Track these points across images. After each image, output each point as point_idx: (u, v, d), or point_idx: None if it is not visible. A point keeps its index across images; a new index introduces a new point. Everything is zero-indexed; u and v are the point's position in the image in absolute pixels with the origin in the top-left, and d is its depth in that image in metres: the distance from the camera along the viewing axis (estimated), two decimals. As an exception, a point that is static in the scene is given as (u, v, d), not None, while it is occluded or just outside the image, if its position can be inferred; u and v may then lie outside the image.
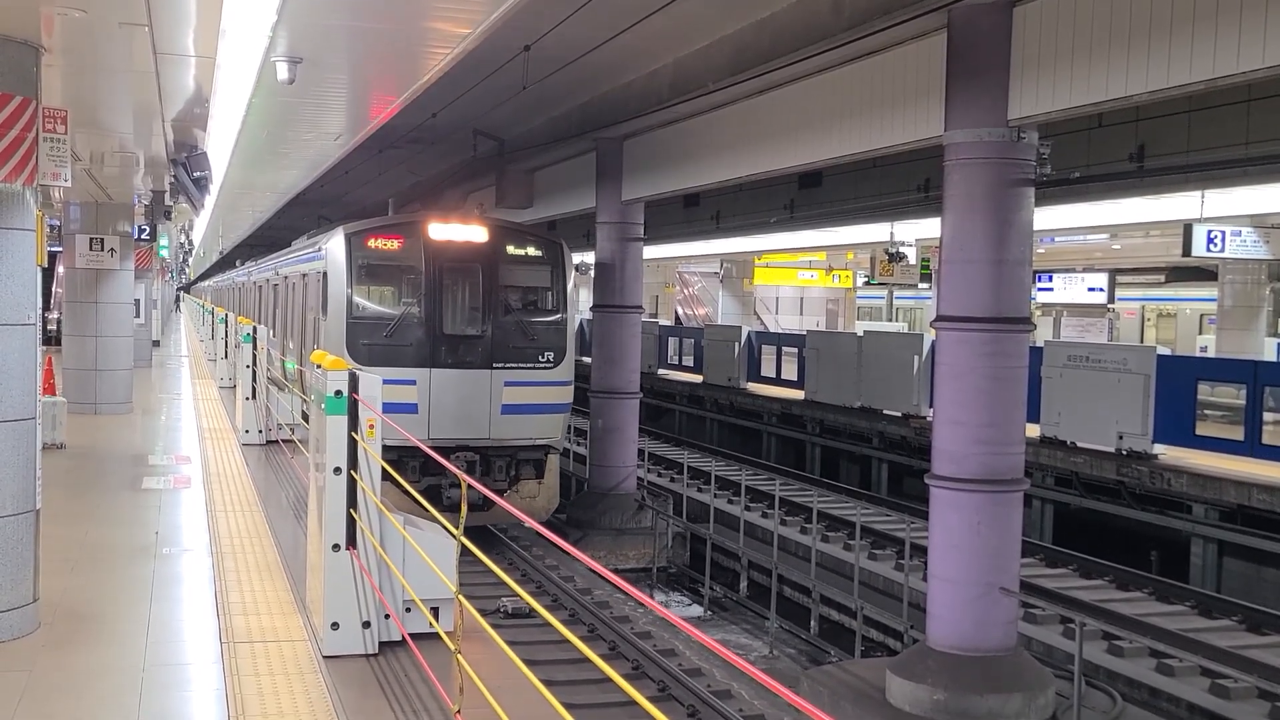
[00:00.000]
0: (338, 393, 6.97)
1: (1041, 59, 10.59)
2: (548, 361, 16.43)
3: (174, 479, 12.76)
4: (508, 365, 16.09)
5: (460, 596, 5.46)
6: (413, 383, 15.47)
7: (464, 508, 5.67)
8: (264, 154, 17.14)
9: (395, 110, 12.17)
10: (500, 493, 15.82)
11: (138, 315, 23.94)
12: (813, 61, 13.63)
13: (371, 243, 15.88)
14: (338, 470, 6.96)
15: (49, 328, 25.88)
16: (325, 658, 6.84)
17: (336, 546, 6.94)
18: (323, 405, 7.03)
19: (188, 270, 77.14)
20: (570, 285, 16.93)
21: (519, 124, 20.22)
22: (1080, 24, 10.20)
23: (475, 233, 16.36)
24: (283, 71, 9.69)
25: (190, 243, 46.66)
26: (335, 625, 6.89)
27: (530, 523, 5.44)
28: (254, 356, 16.18)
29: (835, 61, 13.51)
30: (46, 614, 7.45)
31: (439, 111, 18.00)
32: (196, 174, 14.71)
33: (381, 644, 6.99)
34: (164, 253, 33.39)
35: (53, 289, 28.34)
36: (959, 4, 10.97)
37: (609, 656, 12.55)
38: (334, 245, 15.87)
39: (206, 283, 74.10)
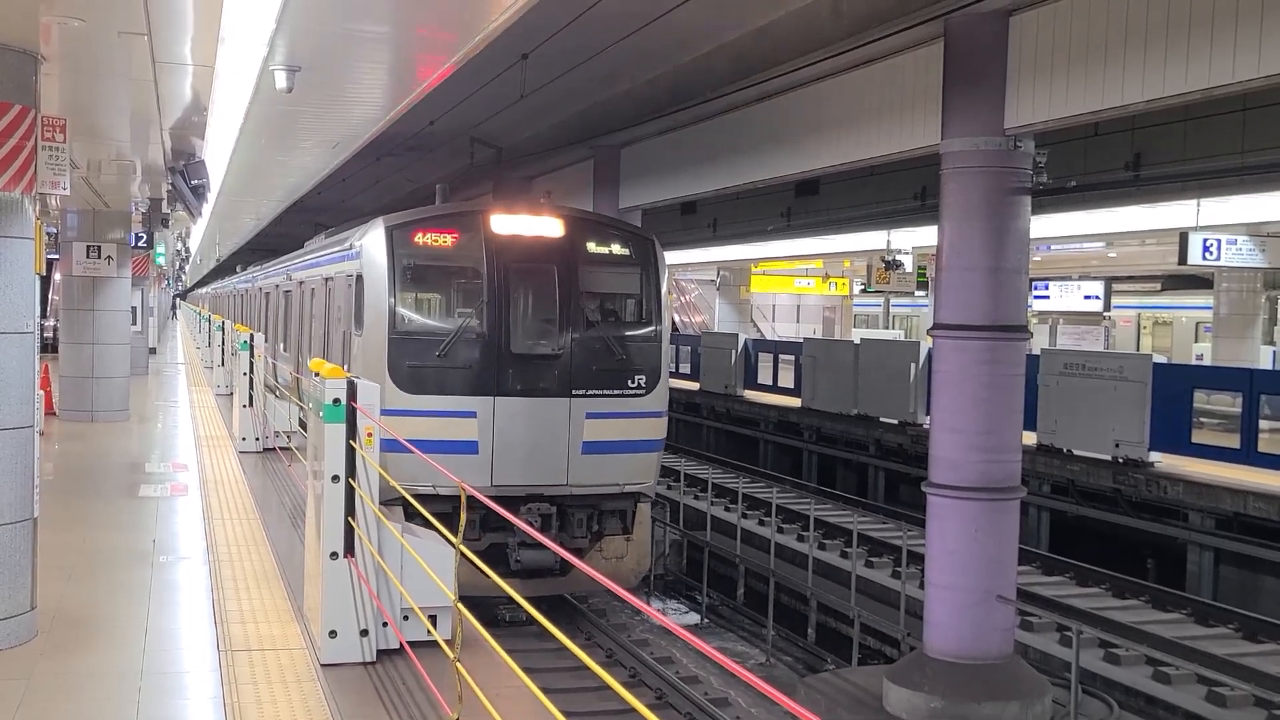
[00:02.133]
0: (336, 400, 6.98)
1: (1038, 68, 10.63)
2: (638, 387, 13.19)
3: (171, 486, 12.76)
4: (590, 392, 12.88)
5: (459, 604, 5.47)
6: (472, 415, 12.33)
7: (463, 515, 5.67)
8: (262, 162, 17.14)
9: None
10: (579, 553, 12.72)
11: (134, 323, 23.93)
12: (810, 70, 13.67)
13: (419, 238, 12.71)
14: (336, 478, 6.97)
15: (46, 336, 25.88)
16: (323, 666, 6.84)
17: (334, 554, 6.94)
18: (321, 413, 7.03)
19: (184, 277, 77.14)
20: (664, 290, 13.80)
21: (517, 131, 20.23)
22: (1076, 33, 10.23)
23: (548, 226, 13.15)
24: (281, 80, 9.70)
25: (187, 250, 46.69)
26: (333, 633, 6.90)
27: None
28: (251, 364, 16.17)
29: (833, 70, 13.54)
30: (44, 622, 7.45)
31: (437, 119, 18.01)
32: (194, 182, 14.73)
33: (380, 652, 6.99)
34: (161, 260, 33.38)
35: (49, 296, 28.34)
36: (956, 13, 11.01)
37: (607, 664, 12.56)
38: (372, 242, 12.77)
39: (204, 289, 73.53)
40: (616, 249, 13.56)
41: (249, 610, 8.00)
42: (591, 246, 13.37)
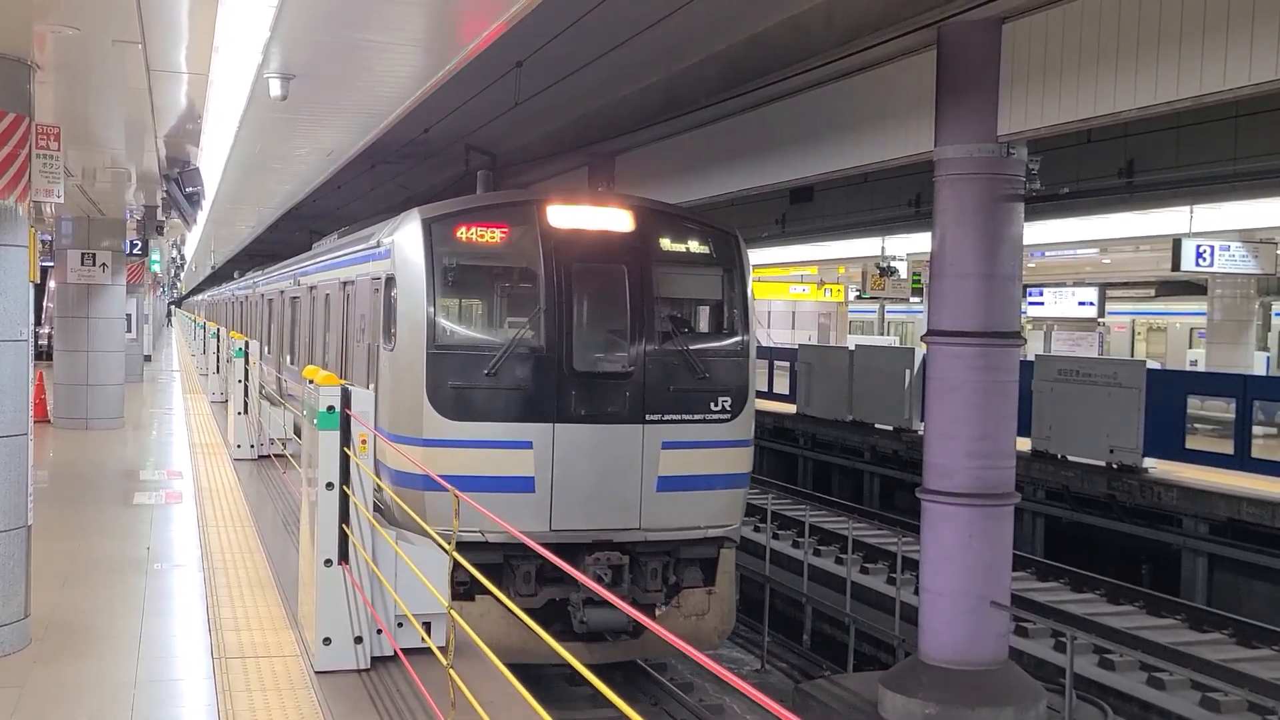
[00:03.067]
0: (330, 408, 6.99)
1: (1030, 75, 10.66)
2: (722, 411, 11.18)
3: (165, 494, 12.75)
4: (666, 418, 10.89)
5: (452, 611, 5.47)
6: (527, 445, 10.44)
7: (455, 521, 5.67)
8: (256, 169, 17.15)
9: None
10: (651, 610, 10.86)
11: (129, 330, 23.93)
12: (804, 78, 13.69)
13: (463, 233, 10.79)
14: (330, 485, 6.98)
15: (40, 343, 25.86)
16: (317, 673, 6.84)
17: (329, 561, 6.95)
18: (315, 420, 7.04)
19: (179, 285, 77.08)
20: (750, 295, 11.79)
21: (511, 139, 20.25)
22: (1069, 41, 10.26)
23: (615, 219, 11.23)
24: (275, 88, 9.72)
25: (182, 257, 46.66)
26: (327, 640, 6.90)
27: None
28: (246, 371, 16.17)
29: (826, 78, 13.57)
30: (38, 629, 7.45)
31: (431, 127, 18.03)
32: (189, 189, 14.74)
33: (374, 659, 7.00)
34: (156, 267, 33.36)
35: (44, 304, 28.31)
36: (949, 21, 11.04)
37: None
38: (406, 238, 10.85)
39: (199, 297, 73.26)
40: (694, 246, 11.55)
41: (243, 618, 8.00)
42: (666, 243, 11.38)
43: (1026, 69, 10.70)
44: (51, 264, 21.15)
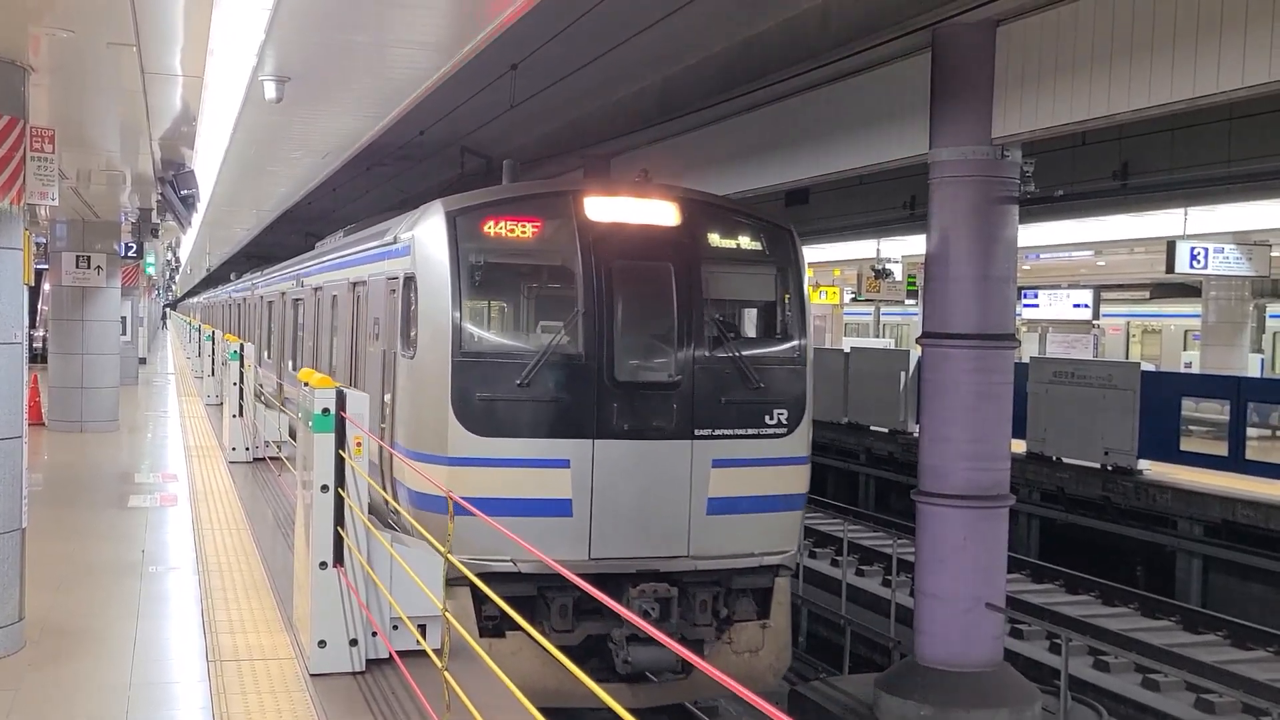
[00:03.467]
0: (325, 410, 6.99)
1: (1025, 78, 10.68)
2: (778, 424, 10.21)
3: (160, 497, 12.74)
4: (717, 432, 9.92)
5: (447, 613, 5.47)
6: (564, 464, 9.50)
7: (450, 525, 5.67)
8: (251, 172, 17.14)
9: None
10: (699, 648, 9.80)
11: (124, 333, 23.92)
12: (800, 80, 13.71)
13: (491, 227, 9.79)
14: (325, 488, 6.97)
15: (35, 346, 25.82)
16: (312, 676, 6.84)
17: (324, 564, 6.95)
18: (310, 423, 7.04)
19: (175, 287, 77.02)
20: (806, 297, 10.81)
21: (507, 141, 20.26)
22: (1063, 44, 10.29)
23: (660, 211, 10.22)
24: (270, 91, 9.72)
25: (177, 260, 46.58)
26: (322, 643, 6.90)
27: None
28: (241, 373, 16.15)
29: (821, 80, 13.59)
30: (33, 632, 7.44)
31: (427, 129, 18.04)
32: (184, 192, 14.71)
33: (369, 661, 6.99)
34: (151, 270, 33.34)
35: (39, 307, 28.27)
36: (944, 23, 11.06)
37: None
38: (428, 233, 9.89)
39: (195, 299, 72.81)
40: (746, 242, 10.54)
41: (238, 620, 7.99)
42: (715, 239, 10.40)
43: (1021, 71, 10.72)
44: (46, 267, 21.10)
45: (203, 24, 7.13)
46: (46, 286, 22.99)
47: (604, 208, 10.03)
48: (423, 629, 6.82)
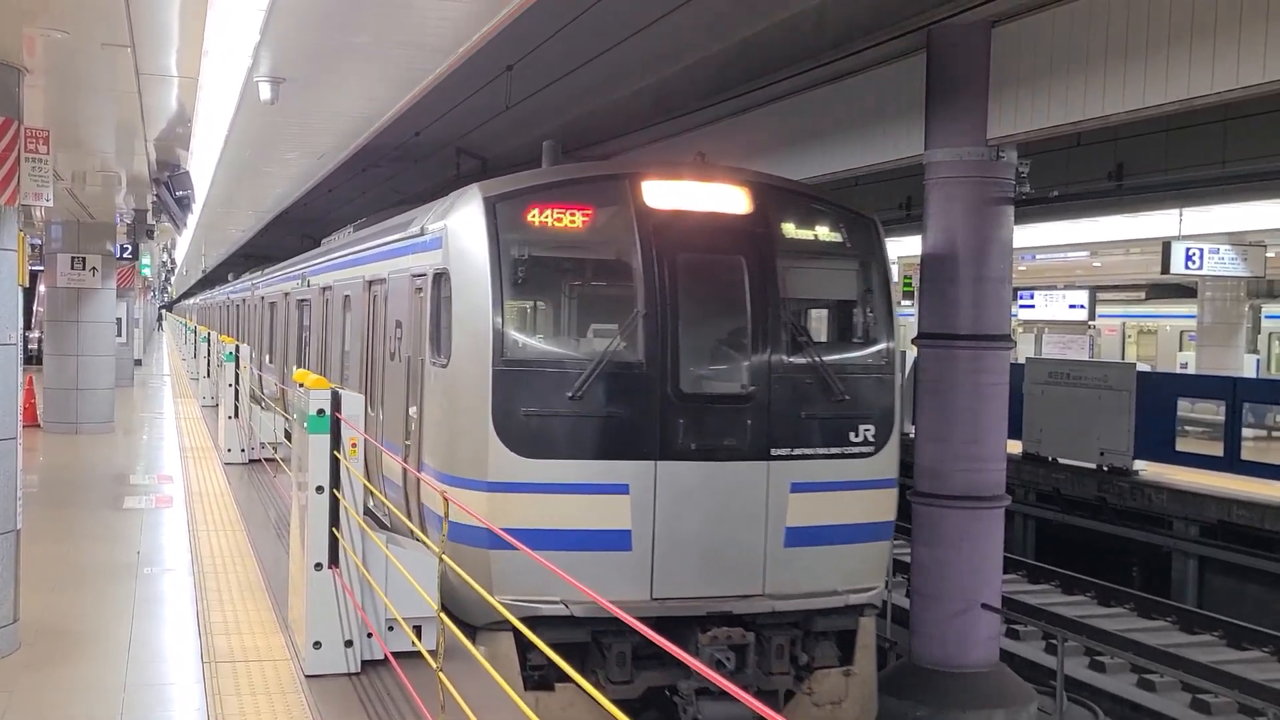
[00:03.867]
0: (320, 411, 6.99)
1: (1020, 79, 10.69)
2: (864, 442, 8.98)
3: (156, 498, 12.72)
4: (796, 452, 8.70)
5: (442, 614, 5.47)
6: (622, 490, 8.28)
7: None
8: (246, 173, 17.14)
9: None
10: (776, 700, 8.65)
11: (119, 334, 23.89)
12: (795, 81, 13.72)
13: (536, 216, 8.55)
14: (320, 489, 6.97)
15: (30, 347, 25.80)
16: (307, 677, 6.83)
17: (319, 565, 6.94)
18: (305, 424, 7.04)
19: (170, 289, 76.98)
20: (892, 296, 9.63)
21: (502, 142, 20.25)
22: (1058, 44, 10.30)
23: (728, 198, 9.00)
24: (265, 92, 9.73)
25: (173, 261, 46.58)
26: (317, 644, 6.89)
27: None
28: (236, 375, 16.13)
29: (817, 81, 13.60)
30: (27, 634, 7.43)
31: (422, 130, 18.03)
32: (179, 193, 14.71)
33: (364, 663, 6.99)
34: (146, 271, 33.33)
35: (34, 308, 28.26)
36: (939, 24, 11.07)
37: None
38: (464, 222, 8.65)
39: (190, 301, 72.29)
40: (825, 233, 9.34)
41: (233, 622, 7.99)
42: (790, 229, 9.15)
43: (1016, 72, 10.73)
44: (41, 268, 21.09)
45: (197, 25, 7.13)
46: (42, 288, 22.98)
47: (665, 193, 8.79)
48: (418, 630, 6.82)
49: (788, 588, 8.62)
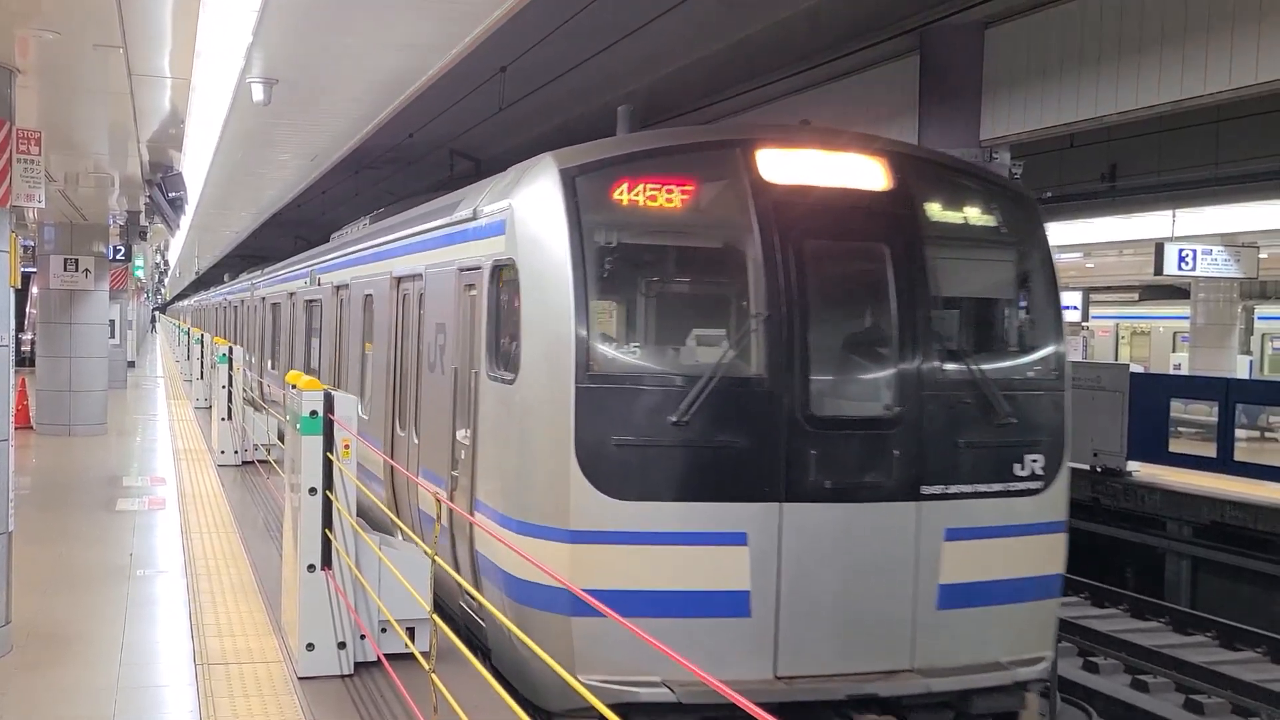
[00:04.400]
0: (313, 413, 6.97)
1: (1014, 80, 10.72)
2: (1030, 476, 7.28)
3: (149, 500, 12.69)
4: (952, 490, 7.05)
5: (435, 616, 5.46)
6: (739, 539, 6.67)
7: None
8: (240, 174, 17.13)
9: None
10: None
11: (112, 336, 23.86)
12: (788, 82, 13.74)
13: (625, 194, 6.93)
14: (313, 491, 6.95)
15: (22, 349, 25.76)
16: (300, 679, 6.82)
17: (312, 567, 6.93)
18: (297, 425, 7.03)
19: (163, 290, 76.90)
20: (1059, 293, 7.77)
21: (496, 144, 20.27)
22: (1051, 46, 10.32)
23: (863, 170, 7.32)
24: (258, 93, 9.72)
25: (166, 263, 46.53)
26: (310, 646, 6.88)
27: None
28: (230, 376, 16.11)
29: (810, 82, 13.62)
30: (19, 636, 7.41)
31: (416, 132, 18.04)
32: (172, 194, 14.70)
33: (357, 665, 6.97)
34: (139, 273, 33.29)
35: (26, 310, 28.21)
36: (932, 25, 11.09)
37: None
38: (534, 201, 7.09)
39: (185, 302, 71.80)
40: (976, 215, 7.68)
41: (226, 624, 7.97)
42: (937, 210, 7.48)
43: (1009, 74, 10.75)
44: (34, 269, 21.05)
45: (190, 26, 7.12)
46: (34, 289, 22.94)
47: (786, 164, 7.12)
48: (411, 632, 6.81)
49: (941, 661, 6.95)
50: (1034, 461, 7.28)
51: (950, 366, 7.14)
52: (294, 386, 7.23)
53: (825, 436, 6.79)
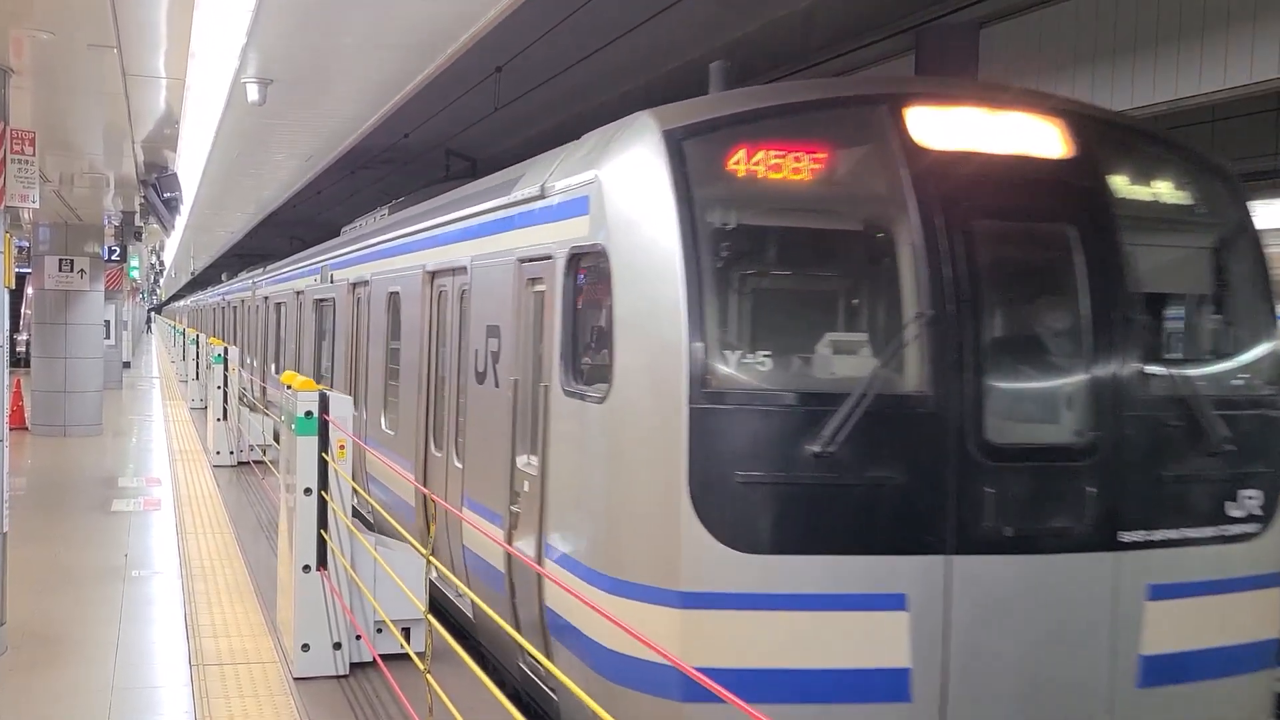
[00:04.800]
0: (308, 413, 6.97)
1: (1009, 79, 10.72)
2: (1246, 517, 5.80)
3: (144, 501, 12.69)
4: (1156, 536, 5.57)
5: (430, 616, 5.46)
6: (897, 603, 5.21)
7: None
8: (235, 175, 17.12)
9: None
10: None
11: (108, 337, 23.84)
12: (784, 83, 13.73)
13: (742, 162, 5.45)
14: (308, 491, 6.95)
15: (18, 350, 25.74)
16: (296, 679, 6.82)
17: (307, 567, 6.93)
18: (293, 426, 7.03)
19: (159, 291, 76.86)
20: (1271, 285, 6.24)
21: (492, 144, 20.26)
22: (1046, 45, 10.33)
23: (1038, 134, 5.84)
24: (253, 93, 9.72)
25: (161, 263, 46.51)
26: (306, 647, 6.88)
27: None
28: (225, 377, 16.10)
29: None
30: (14, 637, 7.41)
31: (411, 132, 18.03)
32: (167, 195, 14.69)
33: (352, 665, 6.98)
34: (134, 274, 33.27)
35: (21, 310, 28.19)
36: (927, 25, 11.10)
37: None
38: (630, 170, 5.70)
39: (181, 303, 71.37)
40: (1169, 190, 6.15)
41: (222, 624, 7.97)
42: (1127, 185, 5.98)
43: (1005, 73, 10.76)
44: (29, 270, 21.04)
45: (184, 26, 7.11)
46: (29, 290, 22.91)
47: (946, 126, 5.65)
48: (406, 632, 6.81)
49: None
50: (1250, 498, 5.79)
51: (1154, 380, 5.64)
52: (289, 387, 7.23)
53: (1004, 470, 5.31)
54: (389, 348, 10.41)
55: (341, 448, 7.02)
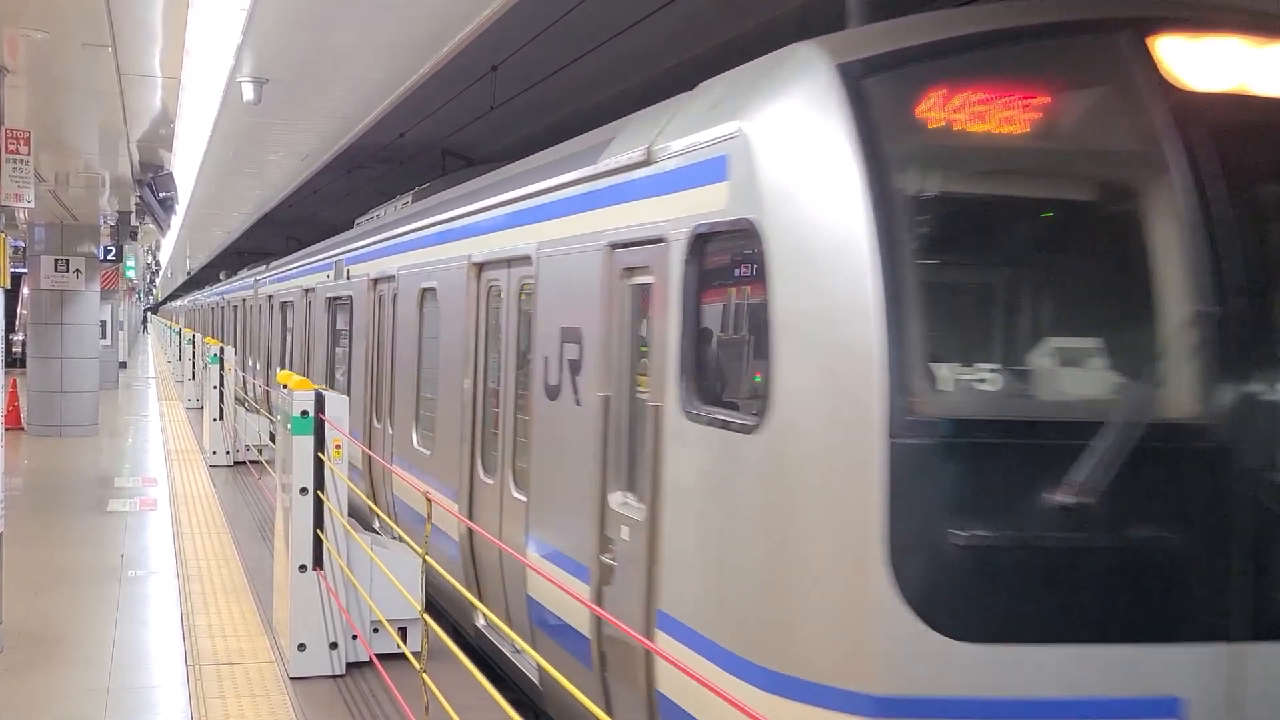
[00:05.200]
0: (304, 413, 6.97)
1: None
2: None
3: (140, 501, 12.68)
4: None
5: (426, 616, 5.46)
6: (1168, 711, 3.72)
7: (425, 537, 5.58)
8: (230, 174, 17.10)
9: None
10: None
11: (104, 337, 23.82)
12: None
13: (938, 108, 3.93)
14: (304, 491, 6.95)
15: (13, 350, 25.72)
16: (292, 679, 6.82)
17: (303, 567, 6.92)
18: (289, 426, 7.02)
19: (155, 291, 76.81)
20: None
21: (488, 144, 20.25)
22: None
23: None
24: (248, 92, 9.70)
25: (157, 263, 46.46)
26: (302, 646, 6.88)
27: None
28: (221, 377, 16.09)
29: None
30: (10, 637, 7.40)
31: (407, 131, 18.01)
32: (162, 194, 14.68)
33: (349, 665, 6.98)
34: (130, 273, 33.22)
35: (17, 310, 28.17)
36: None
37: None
38: (792, 117, 4.25)
39: (177, 302, 71.06)
40: None
41: (218, 624, 7.96)
42: None
43: None
44: (25, 270, 21.02)
45: (179, 25, 7.11)
46: (25, 290, 22.90)
47: (1207, 63, 4.20)
48: (402, 632, 6.81)
49: None
50: None
51: None
52: (285, 386, 7.23)
53: None
54: (421, 352, 9.03)
55: (338, 447, 7.01)
